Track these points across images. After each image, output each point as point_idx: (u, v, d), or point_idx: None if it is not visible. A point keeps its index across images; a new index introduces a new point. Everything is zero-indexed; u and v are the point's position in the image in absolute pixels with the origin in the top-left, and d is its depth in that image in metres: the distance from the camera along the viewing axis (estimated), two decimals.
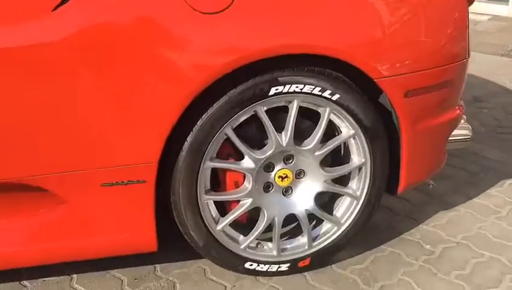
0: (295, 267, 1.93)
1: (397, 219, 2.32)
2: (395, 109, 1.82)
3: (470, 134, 2.10)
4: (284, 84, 1.70)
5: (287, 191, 1.89)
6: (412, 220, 2.31)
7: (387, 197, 2.20)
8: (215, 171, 1.81)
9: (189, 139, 1.69)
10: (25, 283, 1.91)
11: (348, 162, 1.89)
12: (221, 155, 1.79)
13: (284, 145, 1.77)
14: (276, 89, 1.70)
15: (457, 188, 2.57)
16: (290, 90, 1.71)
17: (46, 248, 1.72)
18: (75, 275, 1.94)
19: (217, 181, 1.83)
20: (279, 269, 1.91)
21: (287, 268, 1.92)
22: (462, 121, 2.14)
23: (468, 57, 1.95)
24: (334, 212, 1.95)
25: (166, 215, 1.81)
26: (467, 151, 2.97)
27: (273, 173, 1.84)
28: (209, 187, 1.79)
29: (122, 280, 1.92)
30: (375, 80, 1.76)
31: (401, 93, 1.80)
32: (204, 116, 1.68)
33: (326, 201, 1.97)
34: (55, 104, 1.55)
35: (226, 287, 1.89)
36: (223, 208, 1.86)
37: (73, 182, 1.64)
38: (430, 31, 1.84)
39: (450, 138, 2.06)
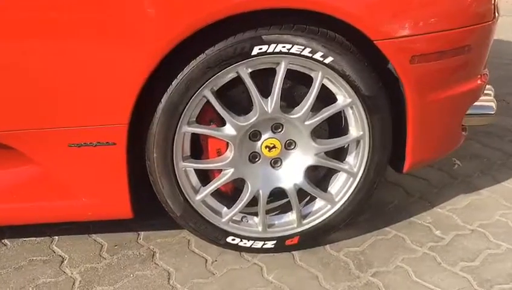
0: (282, 245, 1.78)
1: (410, 199, 2.11)
2: (399, 77, 1.61)
3: (493, 108, 1.85)
4: (269, 43, 1.53)
5: (275, 162, 1.73)
6: (426, 202, 2.10)
7: (403, 175, 2.02)
8: (198, 138, 1.68)
9: (163, 100, 1.55)
10: (6, 241, 1.87)
11: (346, 134, 1.71)
12: (202, 120, 1.64)
13: (270, 112, 1.60)
14: (260, 49, 1.53)
15: (487, 170, 2.32)
16: (275, 51, 1.54)
17: (17, 207, 1.66)
18: (56, 237, 1.89)
19: (200, 148, 1.70)
20: (264, 246, 1.77)
21: (272, 246, 1.77)
22: (489, 93, 1.89)
23: (494, 18, 1.70)
24: (328, 189, 1.78)
25: (147, 180, 1.71)
26: (507, 128, 2.69)
27: (259, 142, 1.68)
28: (188, 154, 1.66)
29: (102, 245, 1.84)
30: (374, 41, 1.55)
31: (406, 59, 1.58)
32: (180, 76, 1.53)
33: (321, 176, 1.80)
34: (16, 61, 1.45)
35: (206, 260, 1.77)
36: (207, 177, 1.74)
37: (39, 141, 1.55)
38: None
39: (469, 112, 1.82)
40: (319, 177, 1.80)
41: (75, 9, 1.42)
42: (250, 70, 1.57)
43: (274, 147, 1.69)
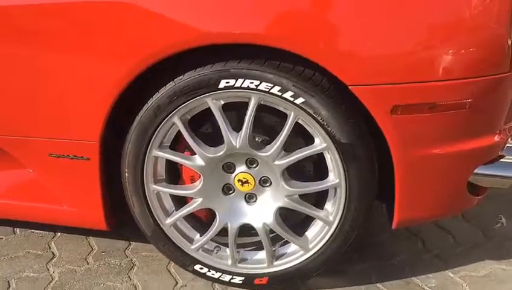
0: (251, 283, 1.70)
1: (423, 255, 1.90)
2: (380, 127, 1.45)
3: None
4: (236, 78, 1.47)
5: (250, 197, 1.66)
6: (441, 262, 1.87)
7: (427, 225, 1.86)
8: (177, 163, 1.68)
9: (135, 122, 1.57)
10: (16, 230, 2.04)
11: (323, 180, 1.58)
12: (179, 146, 1.64)
13: (238, 147, 1.54)
14: (227, 82, 1.48)
15: None
16: (243, 86, 1.47)
17: (12, 204, 1.80)
18: (58, 234, 2.01)
19: (178, 173, 1.70)
20: (231, 280, 1.71)
21: (240, 282, 1.71)
22: None
23: (511, 70, 1.45)
24: (306, 233, 1.66)
25: None
26: None
27: (233, 175, 1.63)
28: (163, 177, 1.66)
29: (92, 249, 1.93)
30: (349, 87, 1.41)
31: (386, 109, 1.42)
32: (150, 101, 1.54)
33: (302, 218, 1.70)
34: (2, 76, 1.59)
35: (177, 283, 1.77)
36: (185, 202, 1.73)
37: (25, 148, 1.67)
38: (437, 27, 1.39)
39: (484, 172, 1.58)
40: (300, 218, 1.70)
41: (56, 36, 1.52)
42: (222, 102, 1.53)
43: (247, 182, 1.62)
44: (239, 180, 1.63)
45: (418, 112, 1.43)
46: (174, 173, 1.69)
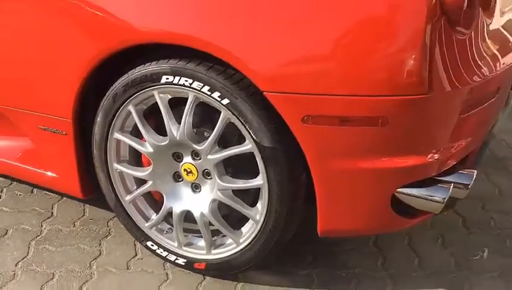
0: (191, 266, 1.84)
1: (375, 274, 1.88)
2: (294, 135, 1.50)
3: (444, 196, 1.52)
4: (174, 75, 1.61)
5: (196, 187, 1.79)
6: (391, 281, 1.84)
7: (398, 243, 1.90)
8: None
9: (100, 107, 1.79)
10: (35, 190, 2.37)
11: (251, 179, 1.66)
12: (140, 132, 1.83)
13: (177, 138, 1.69)
14: (167, 78, 1.62)
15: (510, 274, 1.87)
16: (179, 83, 1.61)
17: (14, 165, 2.12)
18: (64, 198, 2.29)
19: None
20: (176, 261, 1.86)
21: (183, 263, 1.85)
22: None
23: (429, 93, 1.40)
24: (241, 228, 1.75)
25: None
26: None
27: (180, 165, 1.77)
28: (126, 158, 1.86)
29: (83, 215, 2.18)
30: (264, 92, 1.48)
31: (298, 118, 1.47)
32: (110, 89, 1.74)
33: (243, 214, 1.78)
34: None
35: (136, 255, 1.95)
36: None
37: (22, 119, 1.97)
38: (350, 43, 1.41)
39: (412, 193, 1.55)
40: (241, 214, 1.79)
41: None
42: (169, 96, 1.68)
43: (191, 172, 1.76)
44: (185, 170, 1.77)
45: (330, 124, 1.46)
46: (138, 156, 1.88)
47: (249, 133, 1.57)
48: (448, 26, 1.39)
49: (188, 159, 1.76)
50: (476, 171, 1.62)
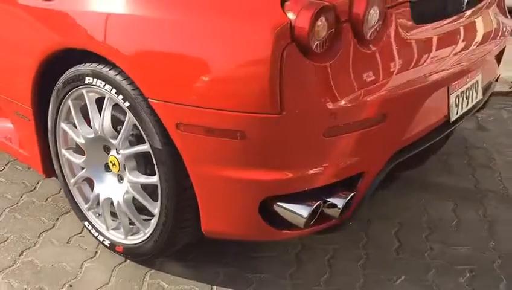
0: (113, 248, 2.06)
1: (279, 280, 1.96)
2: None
3: (307, 212, 1.57)
4: (93, 77, 1.83)
5: (121, 178, 2.00)
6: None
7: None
8: None
9: (51, 99, 2.06)
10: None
11: (152, 175, 1.83)
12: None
13: (99, 132, 1.91)
14: (89, 80, 1.85)
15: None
16: (97, 84, 1.83)
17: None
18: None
19: None
20: (103, 242, 2.08)
21: (108, 245, 2.07)
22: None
23: (281, 113, 1.48)
24: (151, 220, 1.93)
25: None
26: None
27: (108, 156, 1.99)
28: (73, 146, 2.11)
29: (58, 193, 2.49)
30: (148, 99, 1.65)
31: (172, 124, 1.62)
32: (55, 85, 2.00)
33: None
34: None
35: (80, 232, 2.22)
36: None
37: (5, 104, 2.30)
38: (214, 63, 1.55)
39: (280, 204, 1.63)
40: None
41: None
42: (97, 95, 1.91)
43: (115, 164, 1.97)
44: (111, 162, 1.99)
45: (198, 133, 1.60)
46: None
47: (144, 134, 1.75)
48: (299, 52, 1.47)
49: (113, 152, 1.97)
50: (352, 193, 1.66)
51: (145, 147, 1.79)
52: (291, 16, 1.45)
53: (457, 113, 2.02)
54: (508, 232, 2.25)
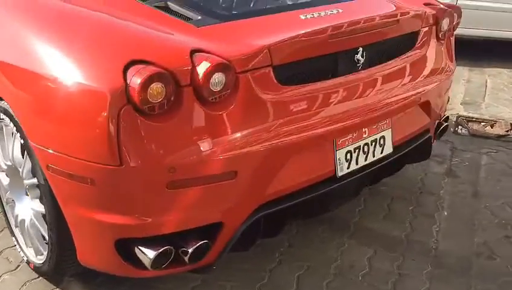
0: (28, 263, 2.27)
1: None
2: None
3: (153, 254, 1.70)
4: (3, 113, 2.05)
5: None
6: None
7: None
8: None
9: None
10: None
11: None
12: None
13: (9, 162, 2.14)
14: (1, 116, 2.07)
15: None
16: (5, 120, 2.04)
17: None
18: None
19: None
20: (23, 257, 2.30)
21: (25, 260, 2.29)
22: None
23: (121, 165, 1.63)
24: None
25: None
26: None
27: (26, 182, 2.20)
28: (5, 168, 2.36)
29: None
30: (29, 141, 1.85)
31: (44, 164, 1.80)
32: None
33: None
34: None
35: None
36: None
37: None
38: (65, 116, 1.73)
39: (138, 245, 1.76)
40: None
41: None
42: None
43: (29, 189, 2.18)
44: (28, 186, 2.20)
45: (62, 176, 1.77)
46: None
47: (33, 169, 1.95)
48: (135, 113, 1.61)
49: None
50: (203, 241, 1.76)
51: (35, 181, 1.99)
52: (128, 80, 1.59)
53: (348, 168, 2.04)
54: (411, 288, 2.22)
